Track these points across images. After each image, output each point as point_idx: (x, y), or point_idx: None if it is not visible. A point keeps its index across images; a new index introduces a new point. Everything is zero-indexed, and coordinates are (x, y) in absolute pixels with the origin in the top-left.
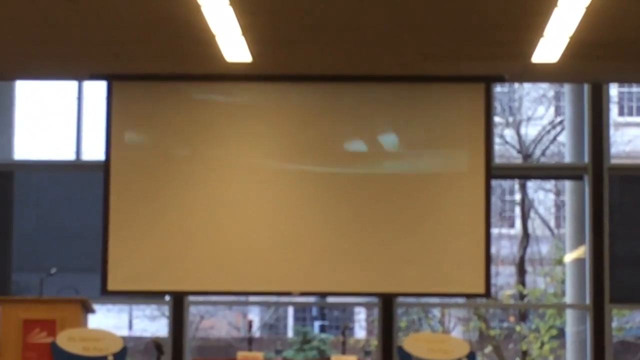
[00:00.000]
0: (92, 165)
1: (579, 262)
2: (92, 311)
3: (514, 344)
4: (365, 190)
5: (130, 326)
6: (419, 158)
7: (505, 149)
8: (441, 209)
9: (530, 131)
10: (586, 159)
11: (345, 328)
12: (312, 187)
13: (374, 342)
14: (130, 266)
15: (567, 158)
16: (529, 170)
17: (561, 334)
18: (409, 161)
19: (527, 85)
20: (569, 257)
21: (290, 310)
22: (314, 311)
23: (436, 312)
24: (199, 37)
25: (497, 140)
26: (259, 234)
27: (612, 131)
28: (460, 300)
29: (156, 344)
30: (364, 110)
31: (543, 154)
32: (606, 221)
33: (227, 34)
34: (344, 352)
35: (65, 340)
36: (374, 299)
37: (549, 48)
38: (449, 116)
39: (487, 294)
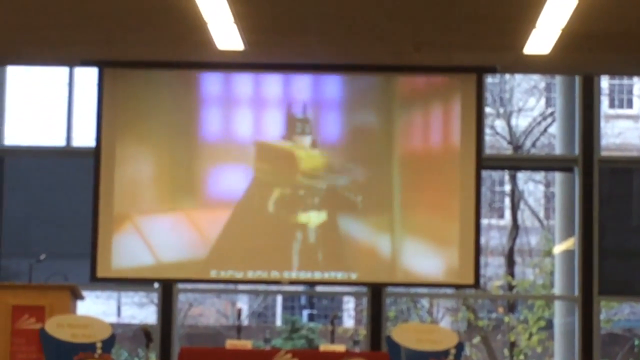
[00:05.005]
0: (82, 152)
1: (568, 253)
2: (81, 298)
3: (502, 335)
4: (354, 179)
5: (119, 313)
6: (410, 148)
7: (495, 140)
8: (431, 198)
9: (520, 122)
10: (576, 150)
11: (333, 317)
12: (303, 170)
13: (363, 331)
14: (119, 253)
15: (558, 150)
16: (519, 161)
17: (549, 325)
18: (399, 151)
19: (518, 77)
20: (558, 249)
21: (279, 299)
22: (303, 300)
23: (425, 302)
24: (191, 25)
25: (487, 131)
26: (253, 221)
27: (602, 123)
28: (449, 290)
29: (145, 331)
30: (356, 99)
31: (533, 145)
32: (596, 213)
33: (219, 22)
34: (332, 341)
35: (54, 326)
36: (363, 289)
37: (541, 39)
38: (440, 106)
39: (476, 284)
